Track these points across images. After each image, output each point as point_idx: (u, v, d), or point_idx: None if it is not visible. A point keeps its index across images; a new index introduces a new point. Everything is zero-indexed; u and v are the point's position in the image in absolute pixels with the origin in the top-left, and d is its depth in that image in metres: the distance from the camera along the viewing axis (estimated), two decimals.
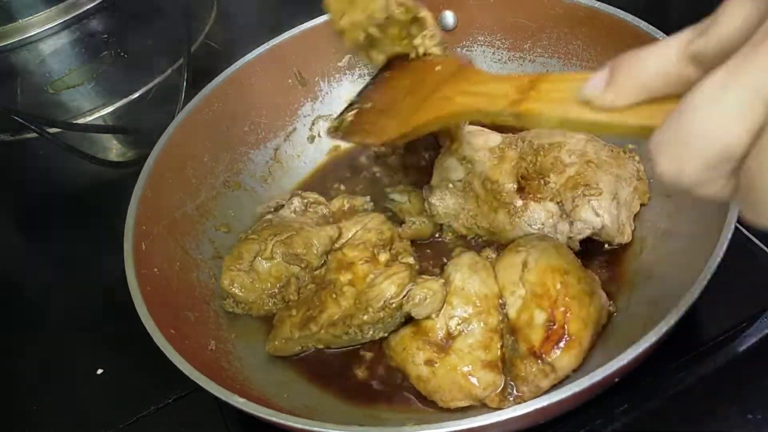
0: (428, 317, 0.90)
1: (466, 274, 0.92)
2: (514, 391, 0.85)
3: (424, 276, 0.93)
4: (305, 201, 1.11)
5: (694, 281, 0.73)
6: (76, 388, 1.11)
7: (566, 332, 0.84)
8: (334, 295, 0.94)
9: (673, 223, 0.94)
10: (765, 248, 0.97)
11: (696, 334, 0.91)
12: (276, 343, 0.96)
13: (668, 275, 0.88)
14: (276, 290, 1.00)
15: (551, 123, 0.66)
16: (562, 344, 0.83)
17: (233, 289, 0.98)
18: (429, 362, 0.87)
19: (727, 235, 0.76)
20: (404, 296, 0.89)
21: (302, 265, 1.01)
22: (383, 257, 0.98)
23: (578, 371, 0.86)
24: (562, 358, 0.83)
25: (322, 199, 1.12)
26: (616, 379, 0.74)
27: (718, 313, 0.91)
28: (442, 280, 0.91)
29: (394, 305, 0.89)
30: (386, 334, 0.93)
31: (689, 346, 0.90)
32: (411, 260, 0.98)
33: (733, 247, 0.75)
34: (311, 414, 0.87)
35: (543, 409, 0.68)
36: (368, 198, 1.13)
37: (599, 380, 0.69)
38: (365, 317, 0.90)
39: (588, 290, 0.87)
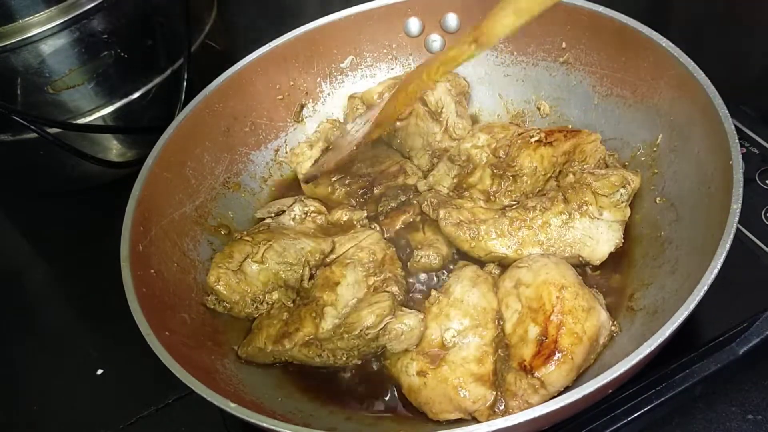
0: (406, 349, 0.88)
1: (467, 287, 0.91)
2: (503, 407, 0.83)
3: (404, 309, 0.91)
4: (306, 209, 1.10)
5: (692, 292, 0.72)
6: (76, 388, 1.11)
7: (558, 347, 0.81)
8: (314, 314, 0.92)
9: (673, 231, 0.93)
10: (765, 248, 0.97)
11: (696, 334, 0.90)
12: (249, 349, 0.94)
13: (667, 284, 0.87)
14: (260, 295, 0.98)
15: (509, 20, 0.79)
16: (553, 359, 0.81)
17: (218, 287, 0.96)
18: (421, 373, 0.86)
19: (725, 246, 0.74)
20: (381, 329, 0.87)
21: (291, 275, 0.99)
22: (371, 281, 0.96)
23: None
24: (552, 373, 0.81)
25: (323, 208, 1.11)
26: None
27: (718, 313, 0.90)
28: (421, 315, 0.89)
29: (369, 336, 0.87)
30: (360, 362, 0.91)
31: (689, 346, 0.89)
32: (395, 289, 0.95)
33: (734, 248, 0.74)
34: (305, 419, 0.87)
35: (529, 422, 0.67)
36: (365, 213, 1.10)
37: (578, 399, 0.67)
38: (340, 343, 0.88)
39: (585, 306, 0.84)
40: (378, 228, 1.07)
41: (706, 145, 0.90)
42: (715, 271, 0.73)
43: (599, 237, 0.95)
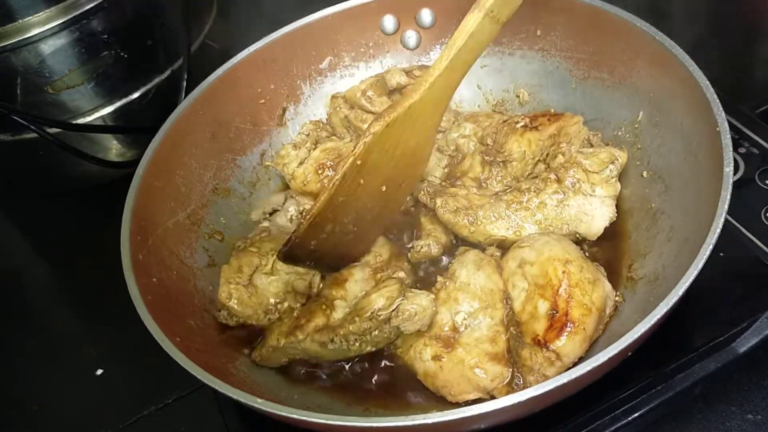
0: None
1: (471, 270, 0.92)
2: (521, 382, 0.85)
3: (414, 290, 0.91)
4: (300, 208, 1.10)
5: (698, 252, 0.73)
6: (76, 388, 1.10)
7: (569, 319, 0.83)
8: (324, 306, 0.93)
9: (664, 202, 0.95)
10: (765, 248, 0.97)
11: (696, 333, 0.91)
12: (263, 351, 0.94)
13: (665, 252, 0.89)
14: (272, 306, 0.98)
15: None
16: (566, 331, 0.83)
17: (231, 303, 0.97)
18: (436, 358, 0.87)
19: (724, 206, 0.76)
20: (393, 310, 0.88)
21: (300, 283, 1.00)
22: (378, 275, 0.97)
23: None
24: (567, 345, 0.83)
25: None
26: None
27: (718, 313, 0.91)
28: (432, 296, 0.90)
29: (381, 317, 0.88)
30: (374, 349, 0.91)
31: (689, 346, 0.90)
32: (402, 274, 0.97)
33: (733, 247, 0.74)
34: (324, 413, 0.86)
35: (551, 391, 0.68)
36: None
37: (603, 362, 0.68)
38: (351, 327, 0.89)
39: (591, 278, 0.87)
40: None
41: (689, 117, 0.92)
42: (718, 230, 0.74)
43: (594, 212, 0.98)
